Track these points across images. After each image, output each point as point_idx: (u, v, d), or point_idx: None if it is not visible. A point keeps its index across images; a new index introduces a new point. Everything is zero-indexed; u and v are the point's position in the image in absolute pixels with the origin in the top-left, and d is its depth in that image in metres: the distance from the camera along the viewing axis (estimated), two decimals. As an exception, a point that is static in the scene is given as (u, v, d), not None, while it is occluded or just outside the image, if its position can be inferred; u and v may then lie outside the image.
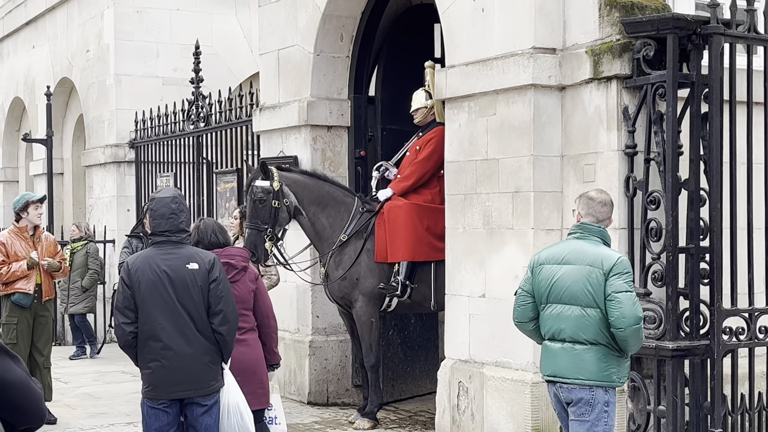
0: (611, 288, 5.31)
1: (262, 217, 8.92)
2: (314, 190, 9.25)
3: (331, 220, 9.26)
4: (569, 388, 5.43)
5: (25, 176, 20.29)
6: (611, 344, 5.37)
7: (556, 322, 5.45)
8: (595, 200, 5.64)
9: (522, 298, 5.63)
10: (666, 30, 6.88)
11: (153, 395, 5.87)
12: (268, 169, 9.02)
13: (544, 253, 5.71)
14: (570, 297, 5.40)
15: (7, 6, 20.31)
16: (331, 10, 10.08)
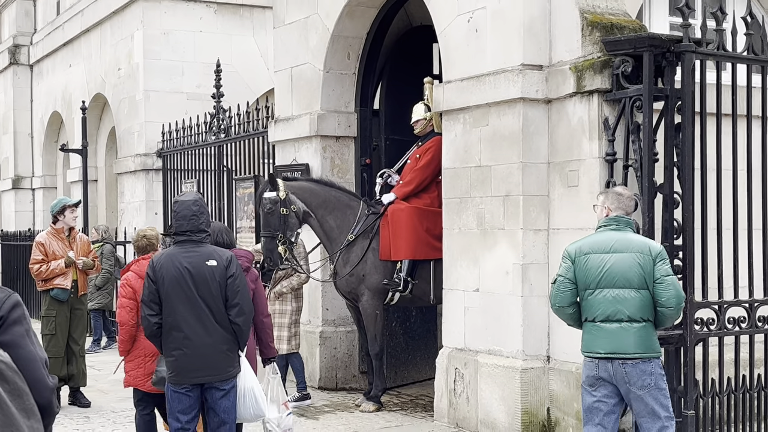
0: (660, 272, 5.52)
1: (273, 225, 8.95)
2: (321, 194, 9.26)
3: (338, 221, 9.27)
4: (633, 363, 5.53)
5: (63, 183, 20.31)
6: (652, 320, 5.58)
7: (613, 304, 5.55)
8: (624, 195, 5.83)
9: (564, 285, 5.67)
10: (642, 48, 6.87)
11: (176, 380, 5.89)
12: (275, 180, 9.06)
13: (583, 244, 5.74)
14: (625, 281, 5.52)
15: (46, 29, 20.35)
16: (339, 31, 10.09)
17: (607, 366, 5.58)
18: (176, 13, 15.31)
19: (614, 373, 5.57)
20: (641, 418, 5.63)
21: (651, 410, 5.57)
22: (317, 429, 8.39)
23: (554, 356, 7.65)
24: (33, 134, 21.42)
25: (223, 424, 5.93)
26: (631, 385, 5.54)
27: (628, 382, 5.54)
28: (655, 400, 5.57)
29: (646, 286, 5.52)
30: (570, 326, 5.91)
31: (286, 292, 9.33)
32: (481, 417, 7.95)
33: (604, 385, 5.62)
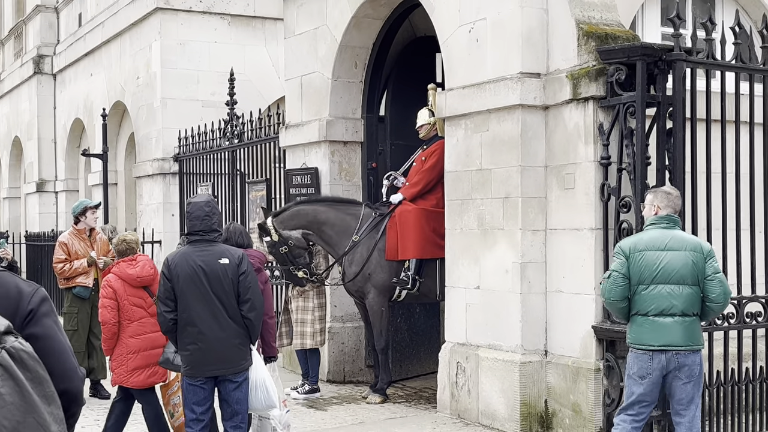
0: (710, 270, 5.60)
1: (282, 261, 9.34)
2: (310, 213, 9.36)
3: (336, 229, 9.33)
4: (685, 354, 5.61)
5: (84, 186, 20.34)
6: (699, 315, 5.69)
7: (667, 299, 5.60)
8: (673, 194, 5.87)
9: (618, 280, 5.70)
10: (635, 57, 6.87)
11: (191, 373, 5.90)
12: (265, 228, 9.31)
13: (638, 241, 5.76)
14: (679, 278, 5.59)
15: (68, 40, 20.39)
16: (346, 42, 10.10)
17: (660, 357, 5.63)
18: (192, 24, 15.32)
19: (666, 364, 5.64)
20: (680, 405, 5.74)
21: (691, 398, 5.70)
22: (326, 420, 8.38)
23: (551, 351, 7.63)
24: (56, 140, 21.45)
25: (235, 415, 5.94)
26: (680, 375, 5.64)
27: (679, 372, 5.64)
28: (697, 389, 5.72)
29: (698, 283, 5.61)
30: (618, 319, 6.09)
31: (308, 289, 9.43)
32: (482, 408, 7.94)
33: (651, 377, 5.68)
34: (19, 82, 22.80)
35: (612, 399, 7.06)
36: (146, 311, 6.90)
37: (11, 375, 1.38)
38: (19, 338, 1.44)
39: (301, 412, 8.70)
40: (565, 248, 7.46)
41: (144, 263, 7.07)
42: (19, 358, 1.40)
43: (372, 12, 9.94)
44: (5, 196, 24.88)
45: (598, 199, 7.16)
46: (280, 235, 9.21)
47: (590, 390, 7.14)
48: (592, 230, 7.20)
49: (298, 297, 9.42)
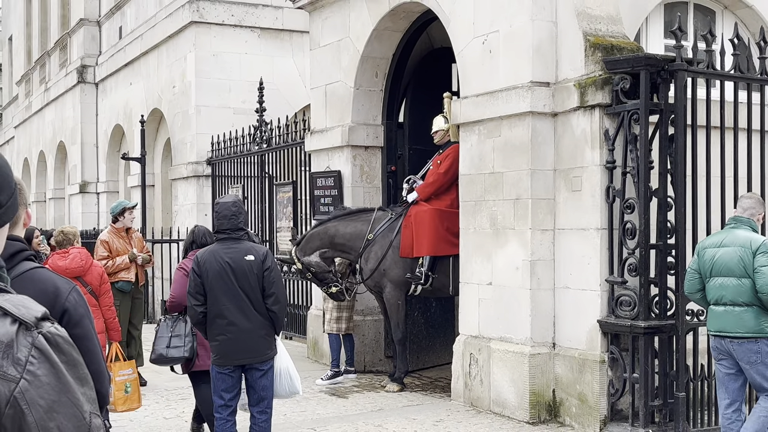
0: (757, 263, 5.68)
1: (314, 282, 9.68)
2: (320, 232, 9.53)
3: (347, 237, 9.44)
4: (739, 342, 5.75)
5: (124, 188, 20.44)
6: (758, 305, 5.65)
7: (719, 290, 5.80)
8: (748, 199, 6.06)
9: (691, 275, 6.00)
10: (639, 67, 6.84)
11: (220, 362, 5.90)
12: (290, 260, 9.70)
13: (707, 240, 6.07)
14: (728, 271, 5.77)
15: (110, 51, 20.50)
16: (368, 53, 10.10)
17: (720, 342, 5.83)
18: (224, 37, 15.37)
19: (727, 349, 5.80)
20: (758, 390, 5.85)
21: (758, 384, 5.77)
22: (347, 407, 8.39)
23: (559, 343, 7.60)
24: (98, 144, 21.59)
25: (261, 401, 5.94)
26: (739, 360, 5.75)
27: (737, 357, 5.76)
28: (760, 375, 5.73)
29: (747, 275, 5.69)
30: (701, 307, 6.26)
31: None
32: (494, 397, 7.92)
33: (724, 356, 5.85)
34: (64, 90, 22.97)
35: (616, 389, 7.03)
36: None
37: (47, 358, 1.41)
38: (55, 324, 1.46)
39: (323, 399, 8.71)
40: (572, 247, 7.43)
41: (74, 256, 7.13)
42: (55, 342, 1.43)
43: (392, 25, 9.94)
44: (51, 197, 25.09)
45: (604, 201, 7.12)
46: (302, 263, 9.48)
47: (595, 380, 7.10)
48: (597, 230, 7.17)
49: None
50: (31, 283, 2.27)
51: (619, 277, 7.01)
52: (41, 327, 1.44)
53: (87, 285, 7.08)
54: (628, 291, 6.95)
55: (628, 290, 6.95)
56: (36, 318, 1.44)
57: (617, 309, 7.01)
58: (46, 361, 1.42)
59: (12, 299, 1.47)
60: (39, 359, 1.41)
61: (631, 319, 6.86)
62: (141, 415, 8.11)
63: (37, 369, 1.40)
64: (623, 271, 7.00)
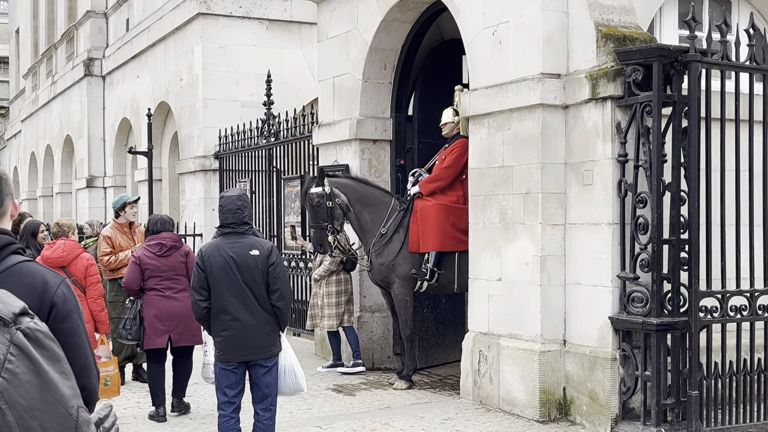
0: None
1: (321, 217, 9.10)
2: (358, 190, 9.31)
3: (372, 216, 9.29)
4: None
5: (131, 182, 20.53)
6: None
7: None
8: None
9: None
10: (652, 58, 6.79)
11: (224, 359, 5.91)
12: (323, 175, 9.14)
13: None
14: None
15: (116, 44, 20.57)
16: (376, 45, 10.08)
17: None
18: (232, 29, 15.40)
19: None
20: None
21: None
22: (354, 404, 8.38)
23: (570, 340, 7.57)
24: (105, 138, 21.67)
25: (265, 398, 5.94)
26: None
27: None
28: None
29: None
30: None
31: (323, 274, 9.78)
32: (503, 395, 7.90)
33: None
34: (71, 83, 23.06)
35: (628, 387, 6.99)
36: None
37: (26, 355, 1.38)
38: (34, 318, 1.43)
39: (330, 397, 8.71)
40: (583, 242, 7.40)
41: (58, 246, 7.63)
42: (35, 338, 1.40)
43: (400, 16, 9.92)
44: (58, 191, 25.20)
45: (616, 195, 7.08)
46: (332, 190, 9.13)
47: (607, 378, 7.07)
48: (609, 225, 7.13)
49: (315, 284, 9.91)
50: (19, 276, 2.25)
51: (631, 272, 6.98)
52: (19, 323, 1.41)
53: (71, 276, 7.47)
54: (640, 287, 6.91)
55: (641, 286, 6.91)
56: (14, 313, 1.41)
57: (629, 305, 6.97)
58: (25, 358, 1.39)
59: None
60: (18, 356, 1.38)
61: (644, 316, 6.82)
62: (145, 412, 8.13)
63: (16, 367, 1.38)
64: (635, 266, 6.96)
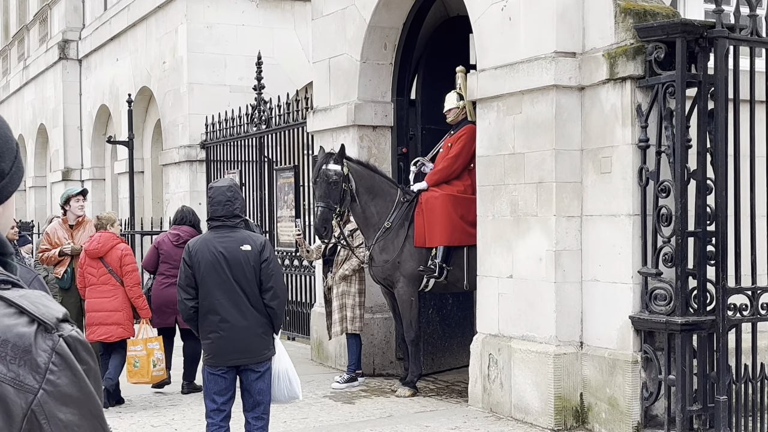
0: None
1: (333, 197, 9.00)
2: (368, 179, 9.28)
3: (378, 208, 9.27)
4: None
5: (111, 175, 20.53)
6: None
7: None
8: None
9: None
10: (675, 34, 6.80)
11: (213, 362, 5.93)
12: (344, 155, 9.11)
13: None
14: None
15: (94, 24, 20.57)
16: (375, 22, 10.08)
17: None
18: (219, 7, 15.40)
19: None
20: None
21: None
22: (353, 413, 8.40)
23: (587, 342, 7.59)
24: (82, 127, 21.68)
25: (257, 405, 5.96)
26: None
27: None
28: None
29: None
30: None
31: (349, 274, 9.62)
32: (515, 402, 7.92)
33: None
34: (44, 68, 23.06)
35: (650, 392, 7.01)
36: (96, 279, 8.76)
37: (69, 365, 1.37)
38: (75, 327, 1.42)
39: (327, 405, 8.73)
40: (601, 235, 7.41)
41: (94, 239, 8.88)
42: (75, 349, 1.39)
43: (402, -9, 9.93)
44: (31, 185, 25.20)
45: (636, 184, 7.09)
46: (349, 174, 9.08)
47: (627, 383, 7.09)
48: (629, 216, 7.14)
49: (341, 282, 9.56)
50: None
51: (653, 268, 6.99)
52: (62, 330, 1.39)
53: (108, 265, 8.73)
54: (663, 284, 6.92)
55: (664, 283, 6.92)
56: (57, 319, 1.39)
57: (651, 304, 6.98)
58: (67, 369, 1.37)
59: (28, 296, 1.41)
60: (60, 366, 1.36)
61: (667, 315, 6.84)
62: (127, 423, 8.16)
63: (58, 378, 1.36)
64: (658, 261, 6.97)
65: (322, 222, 9.00)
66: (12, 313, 1.37)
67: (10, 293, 1.40)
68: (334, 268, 9.72)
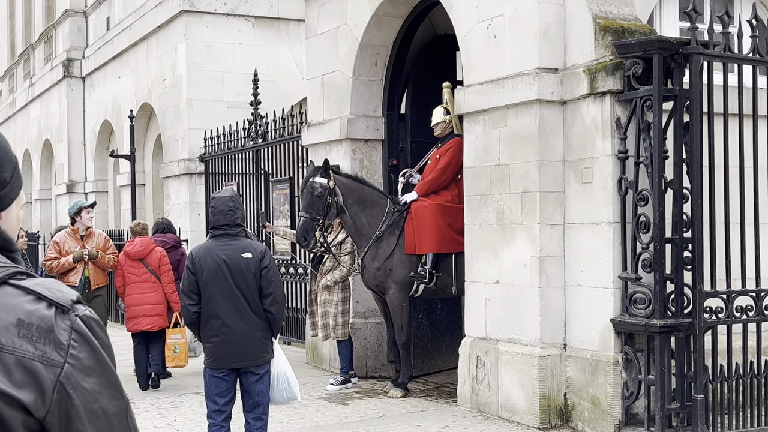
0: None
1: (317, 209, 8.96)
2: (357, 192, 9.26)
3: (369, 218, 9.27)
4: None
5: (113, 187, 20.48)
6: None
7: None
8: None
9: None
10: (652, 51, 6.84)
11: (214, 365, 5.92)
12: (329, 169, 9.07)
13: None
14: None
15: (97, 43, 20.54)
16: (367, 40, 10.11)
17: None
18: (217, 26, 15.39)
19: None
20: None
21: None
22: (347, 414, 8.39)
23: (570, 344, 7.60)
24: (85, 142, 21.63)
25: (257, 406, 5.95)
26: None
27: None
28: None
29: None
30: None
31: (331, 285, 9.58)
32: (502, 402, 7.92)
33: None
34: (50, 85, 23.01)
35: (631, 392, 7.02)
36: (138, 278, 9.70)
37: (86, 340, 1.49)
38: (87, 307, 1.54)
39: (322, 406, 8.72)
40: (583, 242, 7.43)
41: (136, 243, 9.86)
42: (90, 325, 1.51)
43: (392, 10, 9.95)
44: (37, 198, 25.12)
45: (616, 193, 7.12)
46: (335, 188, 9.03)
47: (609, 383, 7.10)
48: (610, 224, 7.17)
49: (324, 291, 9.53)
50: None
51: (632, 273, 7.01)
52: (77, 310, 1.50)
53: (148, 266, 9.71)
54: (642, 288, 6.95)
55: (643, 287, 6.95)
56: (72, 301, 1.51)
57: (631, 307, 7.01)
58: (86, 344, 1.49)
59: (43, 283, 1.52)
60: (79, 342, 1.48)
61: (646, 318, 6.85)
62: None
63: (79, 352, 1.48)
64: (637, 266, 7.00)
65: (303, 232, 8.96)
66: (31, 300, 1.48)
67: (27, 282, 1.51)
68: (319, 276, 9.71)
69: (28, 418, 1.42)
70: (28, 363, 1.43)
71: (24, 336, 1.44)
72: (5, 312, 1.45)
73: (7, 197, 1.65)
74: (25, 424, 1.42)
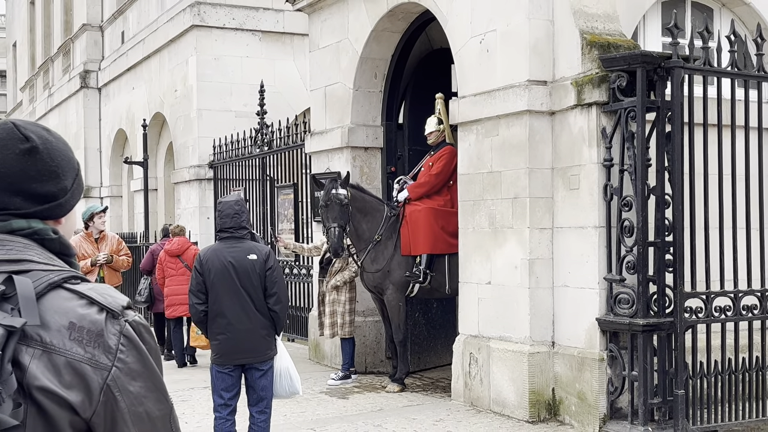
0: None
1: (344, 219, 9.01)
2: (360, 200, 9.29)
3: (369, 225, 9.29)
4: None
5: (127, 192, 20.49)
6: None
7: None
8: None
9: None
10: (636, 64, 6.84)
11: (220, 361, 5.92)
12: (348, 179, 9.14)
13: None
14: None
15: (112, 56, 20.56)
16: (367, 54, 10.12)
17: None
18: (225, 40, 15.41)
19: None
20: None
21: None
22: (347, 407, 8.39)
23: (558, 342, 7.60)
24: (101, 149, 21.64)
25: (261, 400, 5.95)
26: None
27: None
28: None
29: None
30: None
31: (340, 285, 9.59)
32: (493, 396, 7.92)
33: None
34: (67, 95, 23.04)
35: (615, 387, 7.02)
36: (175, 272, 10.83)
37: (134, 345, 1.47)
38: (137, 313, 1.52)
39: (323, 400, 8.72)
40: (570, 245, 7.43)
41: (176, 241, 11.00)
42: (139, 331, 1.50)
43: (390, 26, 9.96)
44: (55, 202, 25.08)
45: (602, 199, 7.12)
46: (351, 198, 9.09)
47: (595, 379, 7.10)
48: (596, 228, 7.17)
49: (332, 291, 9.55)
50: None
51: (617, 274, 7.01)
52: (126, 315, 1.49)
53: (184, 261, 10.73)
54: (626, 289, 6.95)
55: (627, 288, 6.95)
56: (122, 306, 1.49)
57: (616, 307, 7.01)
58: (133, 349, 1.47)
59: (96, 288, 1.50)
60: (127, 347, 1.47)
61: (630, 317, 6.85)
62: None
63: (127, 356, 1.46)
64: (621, 268, 6.99)
65: (340, 241, 8.99)
66: (84, 304, 1.46)
67: (81, 287, 1.49)
68: (328, 277, 9.72)
69: (75, 418, 1.41)
70: (78, 365, 1.41)
71: (75, 339, 1.43)
72: (58, 315, 1.43)
73: (68, 203, 1.62)
74: (72, 423, 1.41)
